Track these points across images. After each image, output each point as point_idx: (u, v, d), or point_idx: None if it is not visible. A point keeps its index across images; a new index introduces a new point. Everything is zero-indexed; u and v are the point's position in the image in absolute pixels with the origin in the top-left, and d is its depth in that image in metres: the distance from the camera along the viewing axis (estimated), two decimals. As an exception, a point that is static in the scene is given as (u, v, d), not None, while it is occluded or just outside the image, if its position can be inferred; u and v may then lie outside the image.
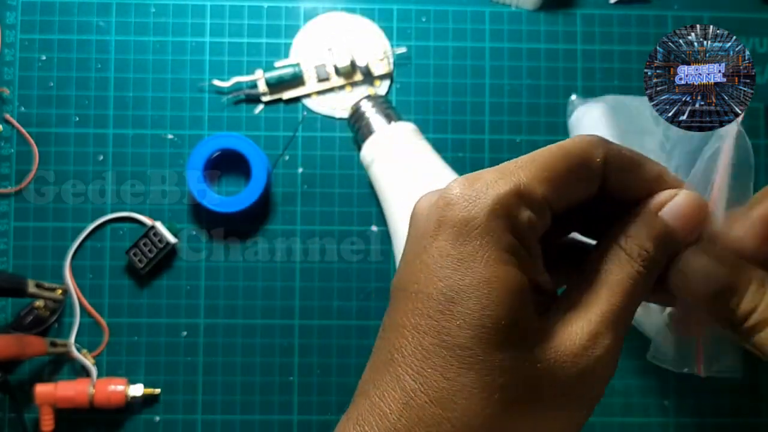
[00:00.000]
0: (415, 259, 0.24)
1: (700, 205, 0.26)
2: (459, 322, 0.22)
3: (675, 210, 0.26)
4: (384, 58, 0.57)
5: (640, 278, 0.25)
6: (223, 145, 0.55)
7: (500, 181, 0.24)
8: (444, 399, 0.22)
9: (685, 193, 0.26)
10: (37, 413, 0.53)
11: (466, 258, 0.23)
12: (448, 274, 0.23)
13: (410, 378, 0.23)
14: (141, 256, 0.55)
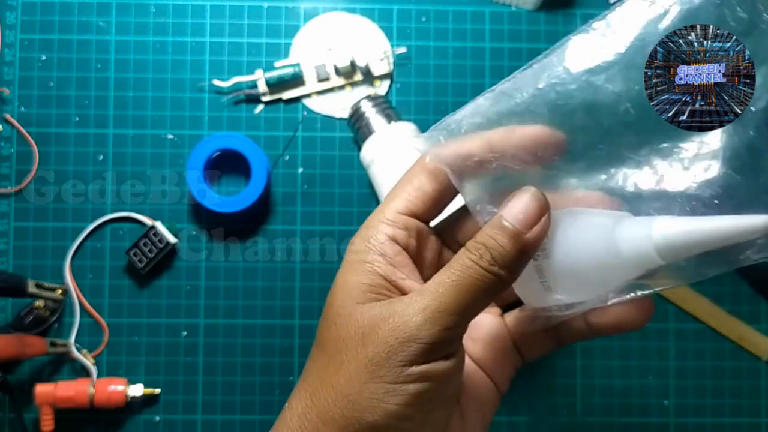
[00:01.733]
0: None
1: (537, 201, 0.27)
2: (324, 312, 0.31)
3: (513, 205, 0.28)
4: (384, 58, 0.57)
5: (477, 271, 0.27)
6: (223, 145, 0.55)
7: (374, 216, 0.31)
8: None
9: (525, 190, 0.28)
10: (37, 413, 0.53)
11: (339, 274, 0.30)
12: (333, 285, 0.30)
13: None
14: (141, 256, 0.55)
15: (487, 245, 0.27)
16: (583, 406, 0.56)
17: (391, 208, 0.30)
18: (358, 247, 0.30)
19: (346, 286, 0.29)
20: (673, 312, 0.57)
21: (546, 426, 0.56)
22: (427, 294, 0.27)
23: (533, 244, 0.27)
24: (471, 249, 0.27)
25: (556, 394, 0.57)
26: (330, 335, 0.29)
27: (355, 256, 0.29)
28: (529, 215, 0.27)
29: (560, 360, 0.57)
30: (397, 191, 0.31)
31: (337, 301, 0.29)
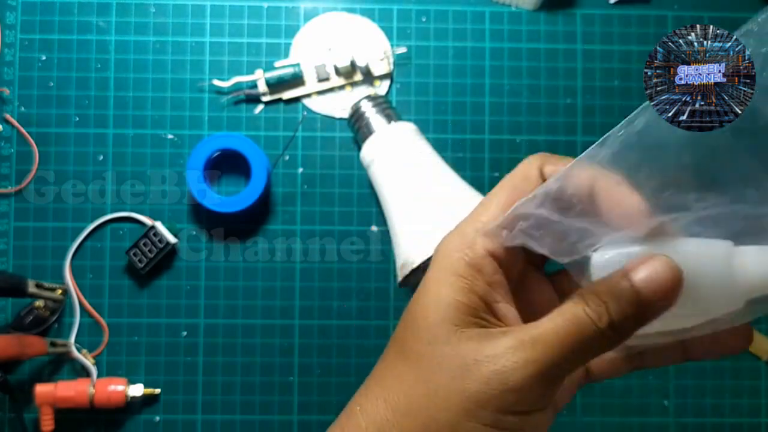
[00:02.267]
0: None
1: (671, 270, 0.25)
2: (409, 323, 0.29)
3: (645, 273, 0.25)
4: (384, 58, 0.57)
5: (588, 329, 0.25)
6: (223, 145, 0.55)
7: (467, 224, 0.29)
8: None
9: (660, 258, 0.25)
10: (37, 413, 0.53)
11: (431, 283, 0.29)
12: (418, 292, 0.29)
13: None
14: (141, 256, 0.55)
15: (608, 305, 0.25)
16: (583, 406, 0.56)
17: (490, 216, 0.28)
18: (453, 257, 0.28)
19: (442, 301, 0.27)
20: (673, 312, 0.57)
21: (546, 426, 0.56)
22: (535, 346, 0.25)
23: (656, 315, 0.25)
24: (590, 304, 0.25)
25: (556, 394, 0.57)
26: (421, 350, 0.27)
27: (450, 267, 0.28)
28: (663, 285, 0.25)
29: (560, 360, 0.57)
30: (498, 196, 0.29)
31: (431, 316, 0.27)
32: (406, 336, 0.28)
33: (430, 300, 0.28)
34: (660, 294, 0.25)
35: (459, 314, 0.27)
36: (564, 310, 0.26)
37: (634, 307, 0.25)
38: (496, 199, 0.29)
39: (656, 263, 0.25)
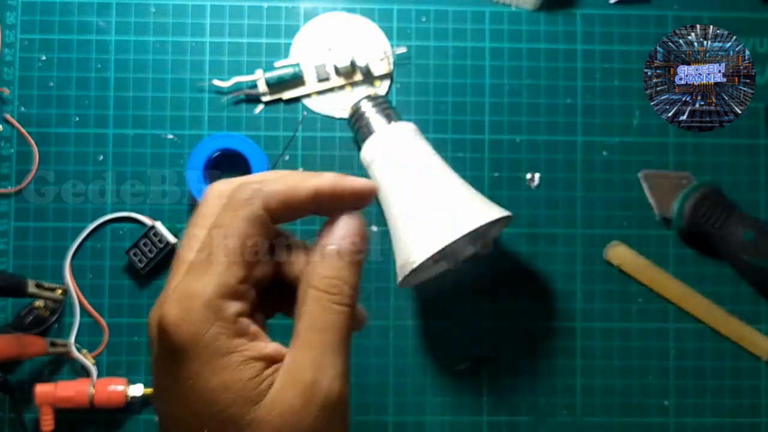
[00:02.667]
0: (162, 390, 0.27)
1: (356, 220, 0.29)
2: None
3: (341, 234, 0.29)
4: (384, 58, 0.57)
5: (339, 308, 0.27)
6: (223, 145, 0.55)
7: (200, 290, 0.26)
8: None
9: (341, 218, 0.29)
10: (37, 413, 0.53)
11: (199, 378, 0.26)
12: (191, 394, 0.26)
13: None
14: (141, 256, 0.55)
15: (341, 278, 0.28)
16: (583, 406, 0.56)
17: (223, 276, 0.26)
18: (205, 338, 0.25)
19: (229, 390, 0.25)
20: (673, 312, 0.57)
21: (546, 426, 0.56)
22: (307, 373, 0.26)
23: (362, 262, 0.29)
24: (329, 290, 0.28)
25: (556, 394, 0.57)
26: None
27: (209, 348, 0.26)
28: (359, 236, 0.29)
29: (560, 360, 0.57)
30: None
31: (227, 412, 0.26)
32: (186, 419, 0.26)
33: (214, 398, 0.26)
34: (361, 242, 0.29)
35: (253, 391, 0.26)
36: (315, 317, 0.27)
37: (353, 269, 0.28)
38: (222, 252, 0.27)
39: (349, 220, 0.29)
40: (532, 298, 0.57)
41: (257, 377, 0.26)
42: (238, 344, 0.26)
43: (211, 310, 0.26)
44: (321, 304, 0.27)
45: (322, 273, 0.28)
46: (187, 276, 0.26)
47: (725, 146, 0.57)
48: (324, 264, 0.28)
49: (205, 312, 0.26)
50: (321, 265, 0.28)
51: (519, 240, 0.57)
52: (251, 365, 0.26)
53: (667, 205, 0.57)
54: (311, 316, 0.27)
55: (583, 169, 0.58)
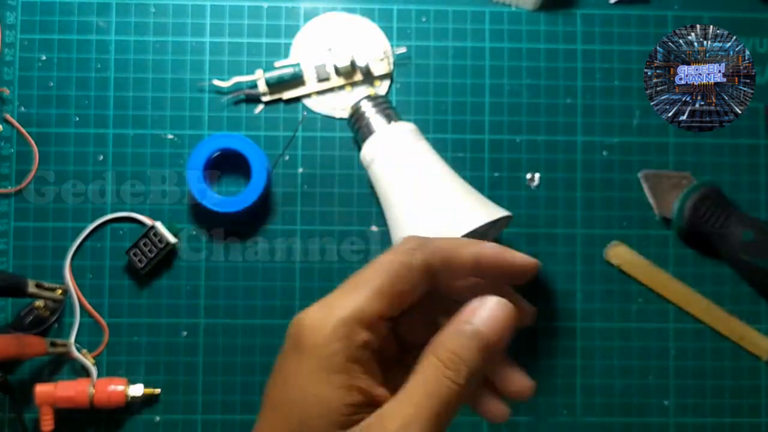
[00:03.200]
0: (275, 374, 0.29)
1: (505, 306, 0.28)
2: (292, 428, 0.27)
3: (483, 313, 0.28)
4: (384, 58, 0.57)
5: (450, 383, 0.27)
6: (223, 145, 0.55)
7: (341, 307, 0.28)
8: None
9: (493, 298, 0.28)
10: (37, 413, 0.53)
11: (306, 378, 0.27)
12: (283, 384, 0.28)
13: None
14: (141, 256, 0.55)
15: (463, 358, 0.27)
16: (583, 406, 0.56)
17: (365, 301, 0.28)
18: (330, 348, 0.27)
19: (325, 405, 0.27)
20: (673, 312, 0.57)
21: (546, 426, 0.56)
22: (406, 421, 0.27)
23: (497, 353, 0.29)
24: (447, 363, 0.27)
25: (556, 394, 0.57)
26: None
27: (329, 361, 0.27)
28: (503, 328, 0.28)
29: (560, 360, 0.57)
30: (374, 281, 0.29)
31: (316, 421, 0.27)
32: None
33: (311, 402, 0.27)
34: (496, 325, 0.28)
35: (344, 417, 0.27)
36: (424, 382, 0.27)
37: (481, 352, 0.28)
38: (372, 284, 0.28)
39: (488, 301, 0.28)
40: (532, 298, 0.57)
41: (353, 406, 0.27)
42: (351, 368, 0.27)
43: (343, 327, 0.27)
44: (434, 372, 0.27)
45: (447, 345, 0.28)
46: (338, 292, 0.29)
47: (725, 146, 0.57)
48: (453, 338, 0.28)
49: (337, 326, 0.27)
50: (450, 337, 0.28)
51: (519, 240, 0.57)
52: (353, 394, 0.27)
53: (667, 205, 0.57)
54: (421, 377, 0.27)
55: (583, 169, 0.58)
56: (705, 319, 0.57)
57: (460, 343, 0.28)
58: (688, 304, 0.57)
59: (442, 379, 0.27)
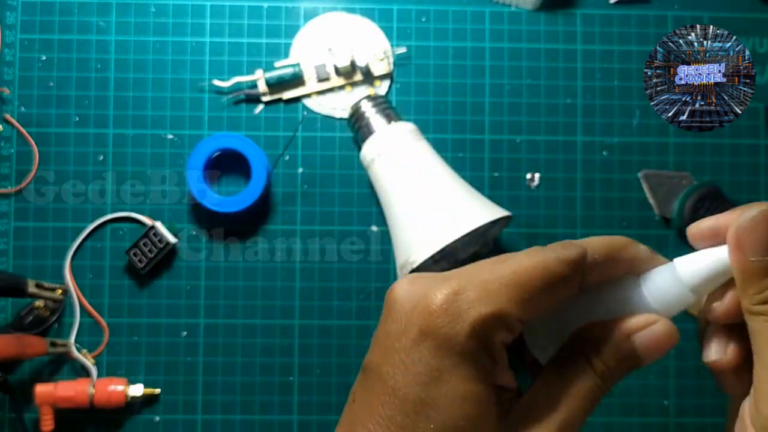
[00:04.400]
0: (393, 353, 0.26)
1: (672, 336, 0.28)
2: (432, 426, 0.25)
3: (648, 339, 0.28)
4: (384, 58, 0.57)
5: (599, 393, 0.27)
6: (223, 145, 0.55)
7: (482, 304, 0.26)
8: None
9: (662, 323, 0.27)
10: (37, 413, 0.53)
11: (444, 371, 0.25)
12: (426, 381, 0.26)
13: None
14: (141, 256, 0.55)
15: (615, 377, 0.27)
16: (583, 406, 0.56)
17: (517, 298, 0.26)
18: (468, 342, 0.25)
19: (476, 402, 0.25)
20: (673, 312, 0.57)
21: (546, 426, 0.56)
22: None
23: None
24: (601, 376, 0.27)
25: (556, 394, 0.57)
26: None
27: (472, 356, 0.25)
28: (661, 346, 0.28)
29: (560, 360, 0.57)
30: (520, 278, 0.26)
31: (466, 420, 0.25)
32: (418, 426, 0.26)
33: (462, 401, 0.25)
34: (657, 353, 0.28)
35: (494, 414, 0.26)
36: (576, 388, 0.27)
37: (632, 366, 0.28)
38: (524, 283, 0.26)
39: (656, 327, 0.27)
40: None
41: (499, 404, 0.26)
42: (489, 362, 0.26)
43: (484, 323, 0.26)
44: (587, 382, 0.27)
45: (604, 358, 0.27)
46: (479, 276, 0.26)
47: (725, 146, 0.57)
48: (611, 352, 0.27)
49: (478, 321, 0.25)
50: (608, 351, 0.27)
51: (519, 240, 0.57)
52: (498, 391, 0.27)
53: (667, 205, 0.57)
54: (574, 382, 0.27)
55: (583, 169, 0.58)
56: (705, 319, 0.57)
57: (617, 359, 0.27)
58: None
59: (594, 389, 0.27)
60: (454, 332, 0.25)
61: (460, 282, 0.26)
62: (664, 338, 0.27)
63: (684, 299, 0.27)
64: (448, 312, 0.26)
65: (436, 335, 0.26)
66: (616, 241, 0.29)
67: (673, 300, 0.28)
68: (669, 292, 0.28)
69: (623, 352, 0.27)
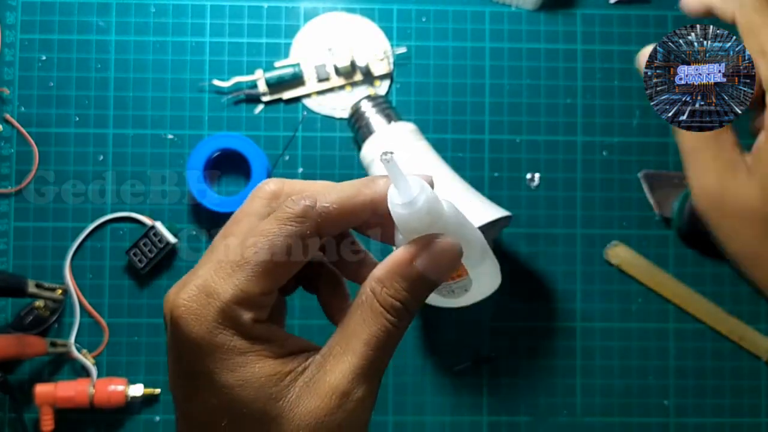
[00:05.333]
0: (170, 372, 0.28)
1: (455, 251, 0.27)
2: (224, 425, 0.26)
3: (432, 259, 0.27)
4: (384, 58, 0.57)
5: (394, 330, 0.26)
6: (223, 145, 0.55)
7: (220, 292, 0.26)
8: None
9: (443, 242, 0.26)
10: (37, 413, 0.53)
11: (205, 372, 0.26)
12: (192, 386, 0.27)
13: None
14: (141, 256, 0.55)
15: (408, 306, 0.26)
16: (583, 406, 0.56)
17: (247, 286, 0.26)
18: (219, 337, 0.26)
19: (251, 384, 0.25)
20: (673, 312, 0.57)
21: (546, 426, 0.56)
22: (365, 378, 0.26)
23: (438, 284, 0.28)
24: (390, 311, 0.26)
25: (556, 394, 0.57)
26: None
27: (227, 346, 0.26)
28: (448, 268, 0.27)
29: (560, 360, 0.57)
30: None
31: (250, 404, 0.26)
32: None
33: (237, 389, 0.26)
34: (444, 271, 0.27)
35: (275, 387, 0.26)
36: (363, 329, 0.26)
37: (427, 289, 0.27)
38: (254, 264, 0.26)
39: (437, 246, 0.27)
40: (532, 298, 0.57)
41: (276, 374, 0.26)
42: (252, 346, 0.26)
43: (226, 314, 0.25)
44: (375, 318, 0.26)
45: (389, 286, 0.26)
46: (213, 274, 0.26)
47: (725, 146, 0.57)
48: (395, 280, 0.26)
49: (220, 314, 0.25)
50: (391, 278, 0.26)
51: (519, 240, 0.57)
52: (269, 363, 0.26)
53: (667, 205, 0.57)
54: (360, 322, 0.26)
55: (583, 169, 0.58)
56: (705, 319, 0.57)
57: (402, 288, 0.26)
58: (687, 304, 0.57)
59: (384, 325, 0.26)
60: (200, 335, 0.26)
61: (201, 280, 0.26)
62: (446, 253, 0.27)
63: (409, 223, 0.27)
64: (192, 314, 0.26)
65: (184, 343, 0.27)
66: (347, 189, 0.27)
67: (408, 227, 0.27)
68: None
69: (410, 281, 0.26)
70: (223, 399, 0.26)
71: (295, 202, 0.26)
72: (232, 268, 0.26)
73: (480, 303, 0.31)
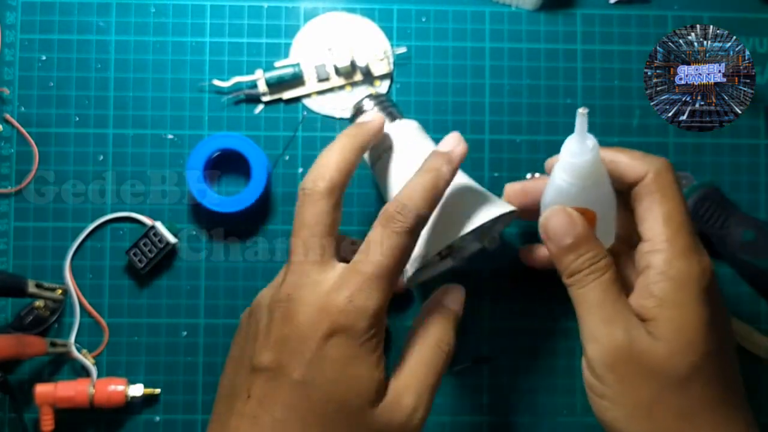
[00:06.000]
0: (298, 352, 0.33)
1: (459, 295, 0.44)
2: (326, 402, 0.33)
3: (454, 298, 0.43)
4: (384, 58, 0.57)
5: (444, 355, 0.39)
6: (223, 145, 0.55)
7: (373, 297, 0.35)
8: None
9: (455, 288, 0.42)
10: (37, 413, 0.53)
11: (352, 360, 0.33)
12: (336, 369, 0.33)
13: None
14: (141, 256, 0.55)
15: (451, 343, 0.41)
16: (583, 406, 0.56)
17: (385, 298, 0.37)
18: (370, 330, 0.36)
19: (363, 382, 0.33)
20: (673, 312, 0.57)
21: (546, 426, 0.56)
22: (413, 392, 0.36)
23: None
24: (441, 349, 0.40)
25: (556, 394, 0.57)
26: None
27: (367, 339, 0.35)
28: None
29: (560, 360, 0.57)
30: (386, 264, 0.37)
31: (352, 400, 0.33)
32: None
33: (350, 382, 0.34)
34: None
35: (374, 393, 0.34)
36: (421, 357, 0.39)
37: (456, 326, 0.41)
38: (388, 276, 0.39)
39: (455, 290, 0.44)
40: (532, 298, 0.57)
41: (380, 381, 0.33)
42: (377, 348, 0.34)
43: (377, 318, 0.34)
44: (430, 350, 0.37)
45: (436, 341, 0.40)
46: (370, 281, 0.35)
47: (725, 146, 0.57)
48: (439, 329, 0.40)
49: (375, 316, 0.34)
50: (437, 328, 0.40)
51: (519, 239, 0.57)
52: (381, 369, 0.33)
53: (667, 205, 0.56)
54: (419, 353, 0.37)
55: (583, 169, 0.57)
56: (705, 319, 0.57)
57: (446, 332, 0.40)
58: (688, 304, 0.57)
59: (438, 354, 0.38)
60: (361, 326, 0.33)
61: (355, 283, 0.35)
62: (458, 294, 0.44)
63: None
64: (355, 308, 0.34)
65: (346, 329, 0.33)
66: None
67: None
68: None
69: (444, 320, 0.42)
70: (334, 386, 0.33)
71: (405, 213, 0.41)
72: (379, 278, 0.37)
73: (480, 302, 0.32)
